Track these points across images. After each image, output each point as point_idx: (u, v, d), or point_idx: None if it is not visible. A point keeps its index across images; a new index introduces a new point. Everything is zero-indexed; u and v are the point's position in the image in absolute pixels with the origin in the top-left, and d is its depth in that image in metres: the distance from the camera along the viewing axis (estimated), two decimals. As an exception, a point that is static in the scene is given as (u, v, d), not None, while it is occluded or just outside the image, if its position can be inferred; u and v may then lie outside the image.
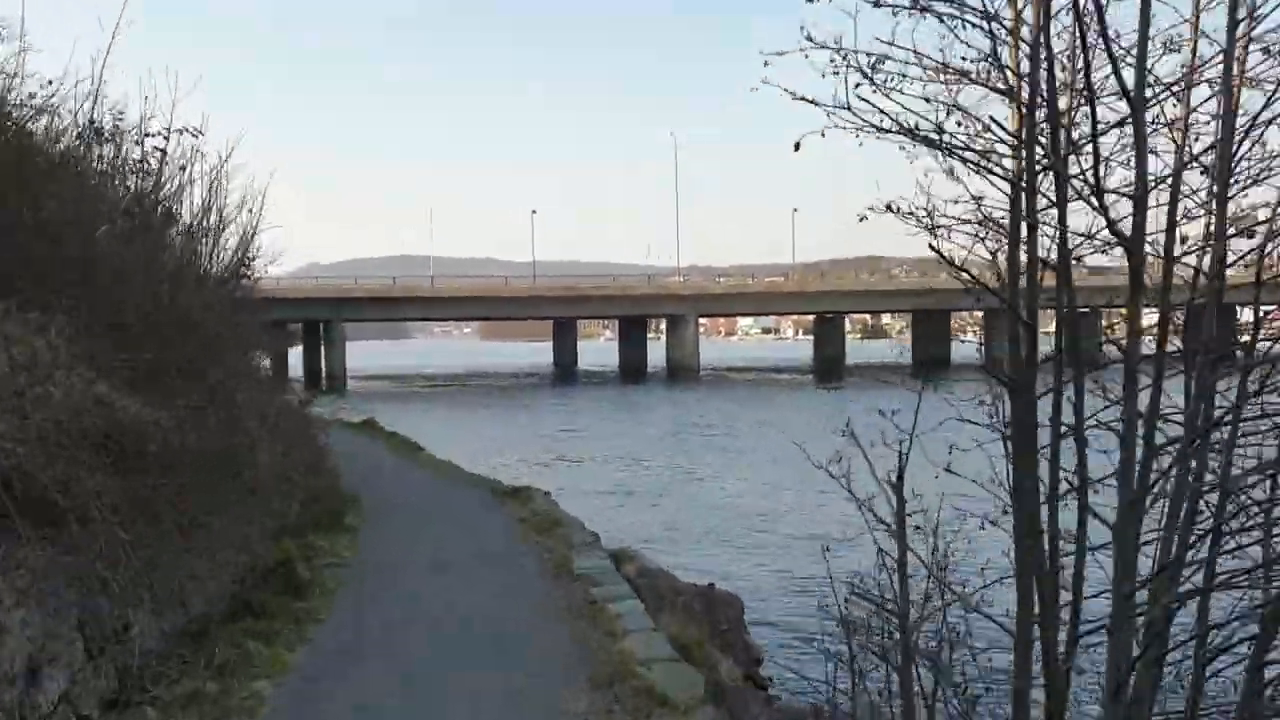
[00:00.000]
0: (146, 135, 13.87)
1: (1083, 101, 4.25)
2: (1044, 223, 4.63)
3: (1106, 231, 4.33)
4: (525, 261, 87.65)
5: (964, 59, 4.55)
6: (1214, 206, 4.49)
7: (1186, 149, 4.58)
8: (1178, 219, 4.47)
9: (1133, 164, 4.24)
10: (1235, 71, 4.37)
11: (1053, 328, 4.83)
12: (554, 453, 28.15)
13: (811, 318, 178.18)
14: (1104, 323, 5.75)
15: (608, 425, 36.60)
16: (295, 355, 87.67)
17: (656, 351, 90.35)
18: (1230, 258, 4.57)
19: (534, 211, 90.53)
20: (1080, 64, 4.26)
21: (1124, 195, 4.31)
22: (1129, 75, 4.07)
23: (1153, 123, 4.39)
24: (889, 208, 4.73)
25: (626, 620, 6.86)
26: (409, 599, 7.79)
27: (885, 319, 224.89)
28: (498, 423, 38.08)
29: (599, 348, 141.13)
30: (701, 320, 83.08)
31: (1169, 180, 4.47)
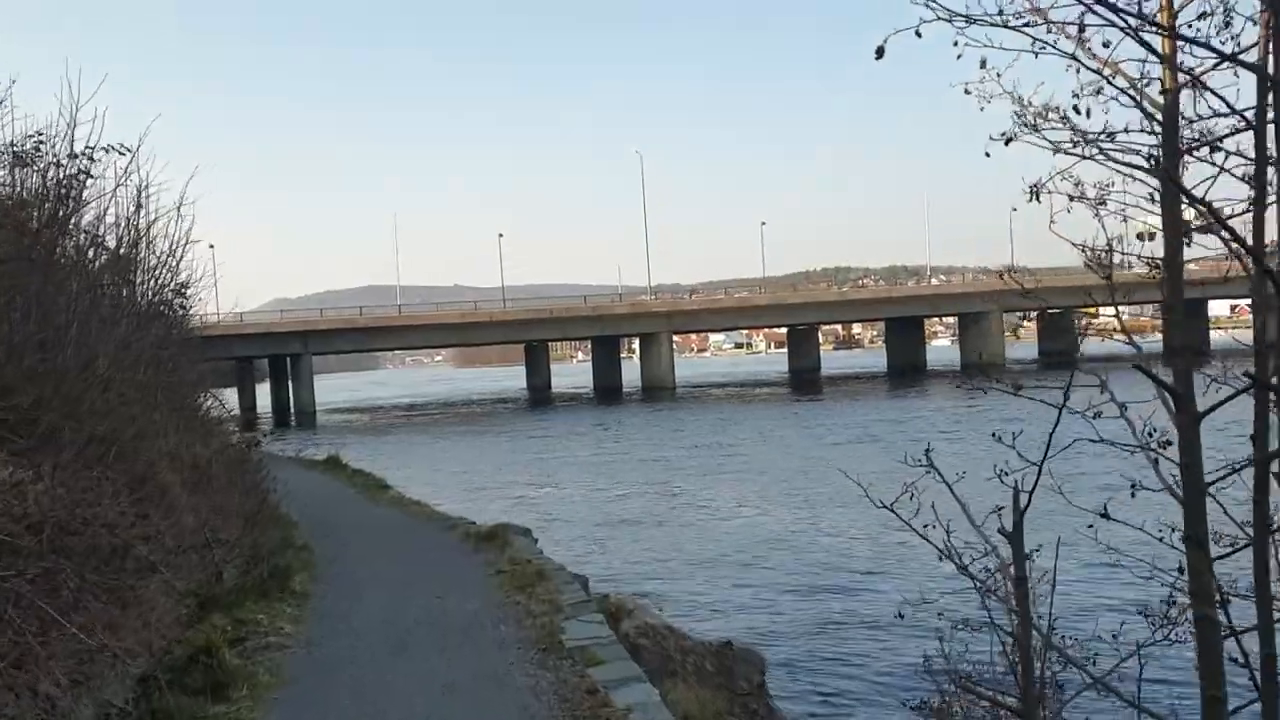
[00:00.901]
0: (70, 156, 12.45)
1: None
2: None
3: None
4: (494, 287, 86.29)
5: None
6: None
7: None
8: None
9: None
10: None
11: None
12: (533, 482, 26.41)
13: (784, 330, 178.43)
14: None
15: (587, 449, 35.09)
16: (264, 391, 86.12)
17: (630, 371, 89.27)
18: None
19: (500, 235, 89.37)
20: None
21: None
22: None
23: None
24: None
25: (637, 717, 5.32)
26: (360, 698, 6.13)
27: (856, 329, 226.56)
28: (472, 452, 36.46)
29: (572, 369, 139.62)
30: (674, 337, 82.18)
31: None
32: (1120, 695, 3.61)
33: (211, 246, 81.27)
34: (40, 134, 11.67)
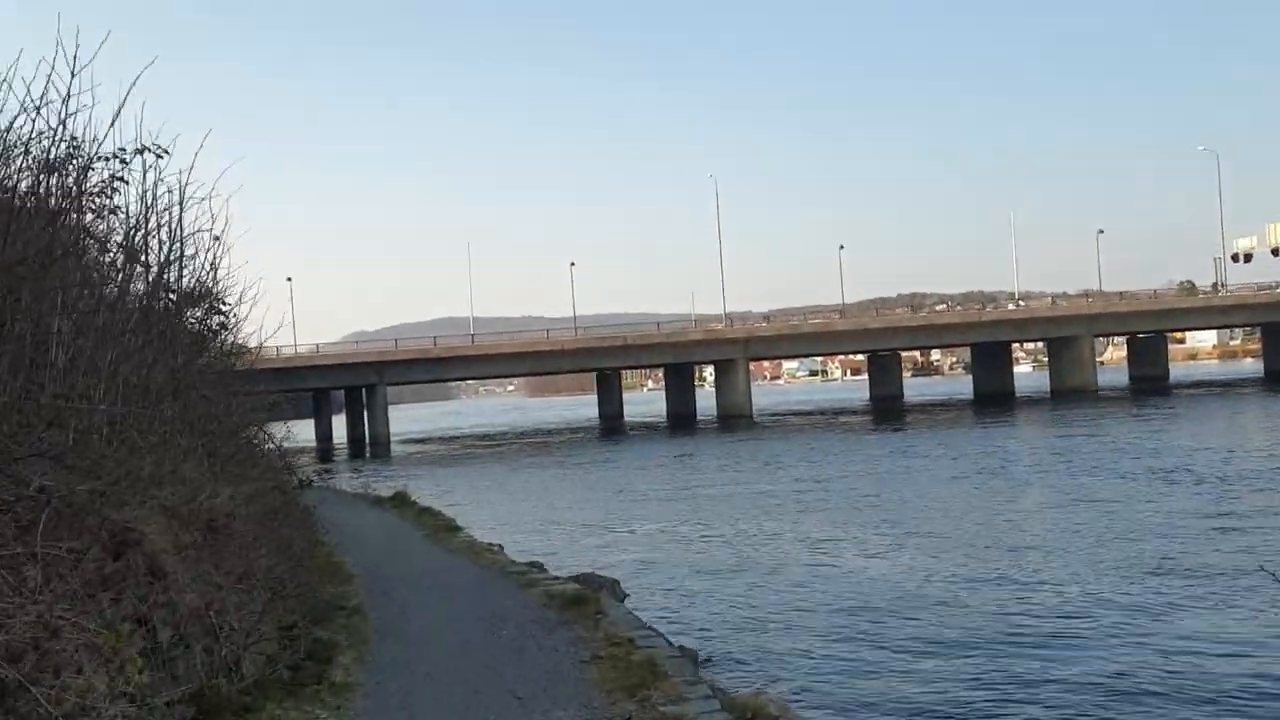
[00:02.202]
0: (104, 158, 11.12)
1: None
2: None
3: None
4: (566, 316, 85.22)
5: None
6: None
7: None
8: None
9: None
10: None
11: None
12: (613, 520, 24.19)
13: (860, 357, 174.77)
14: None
15: (668, 482, 33.07)
16: (340, 423, 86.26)
17: (704, 399, 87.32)
18: None
19: (572, 264, 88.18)
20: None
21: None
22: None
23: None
24: None
25: None
26: None
27: (935, 355, 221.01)
28: (545, 485, 34.76)
29: (643, 398, 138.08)
30: (749, 364, 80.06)
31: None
32: None
33: (289, 279, 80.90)
34: (75, 138, 10.38)
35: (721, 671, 11.03)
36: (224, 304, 11.75)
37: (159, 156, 12.51)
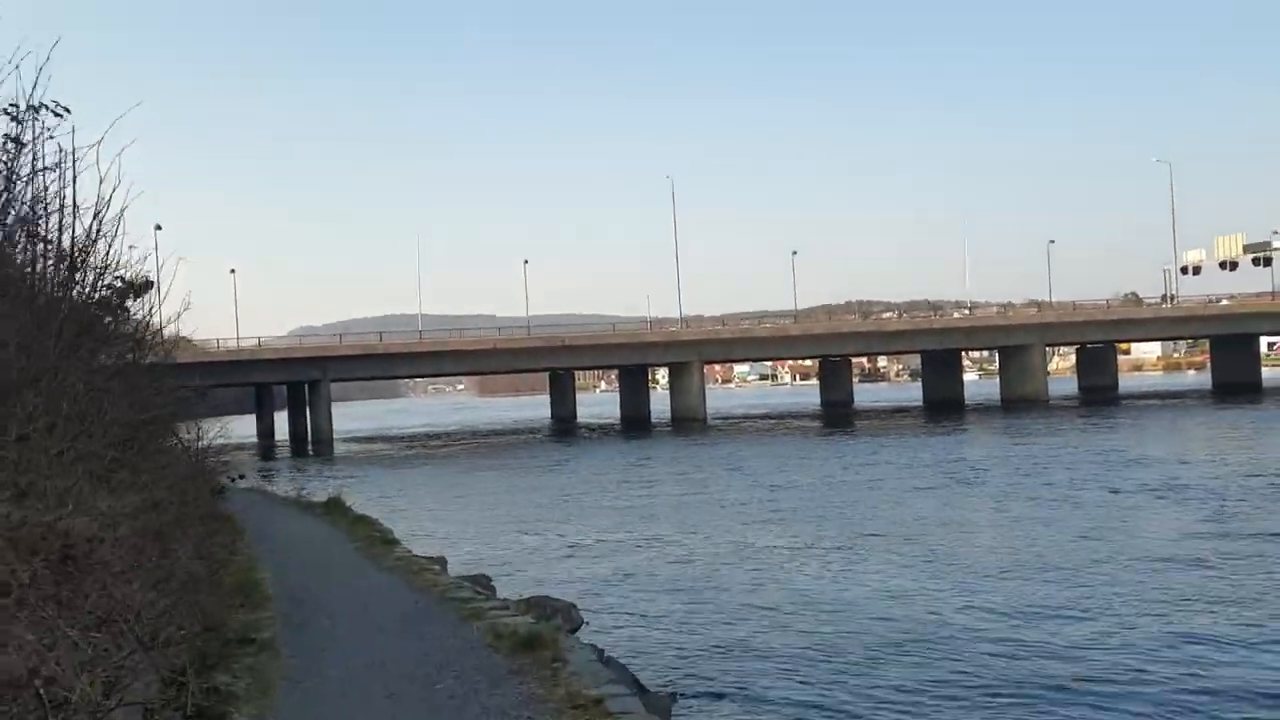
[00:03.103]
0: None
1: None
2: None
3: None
4: (520, 316, 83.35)
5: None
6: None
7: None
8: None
9: None
10: None
11: None
12: (569, 531, 22.56)
13: (809, 363, 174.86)
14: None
15: (626, 487, 31.65)
16: (283, 420, 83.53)
17: (657, 401, 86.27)
18: None
19: (526, 262, 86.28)
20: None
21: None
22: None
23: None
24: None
25: None
26: None
27: (882, 362, 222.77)
28: (495, 489, 33.13)
29: (596, 399, 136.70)
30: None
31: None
32: None
33: (233, 271, 78.38)
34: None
35: (696, 713, 9.67)
36: (120, 281, 10.11)
37: (58, 115, 10.87)
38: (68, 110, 10.83)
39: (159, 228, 72.76)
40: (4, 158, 9.91)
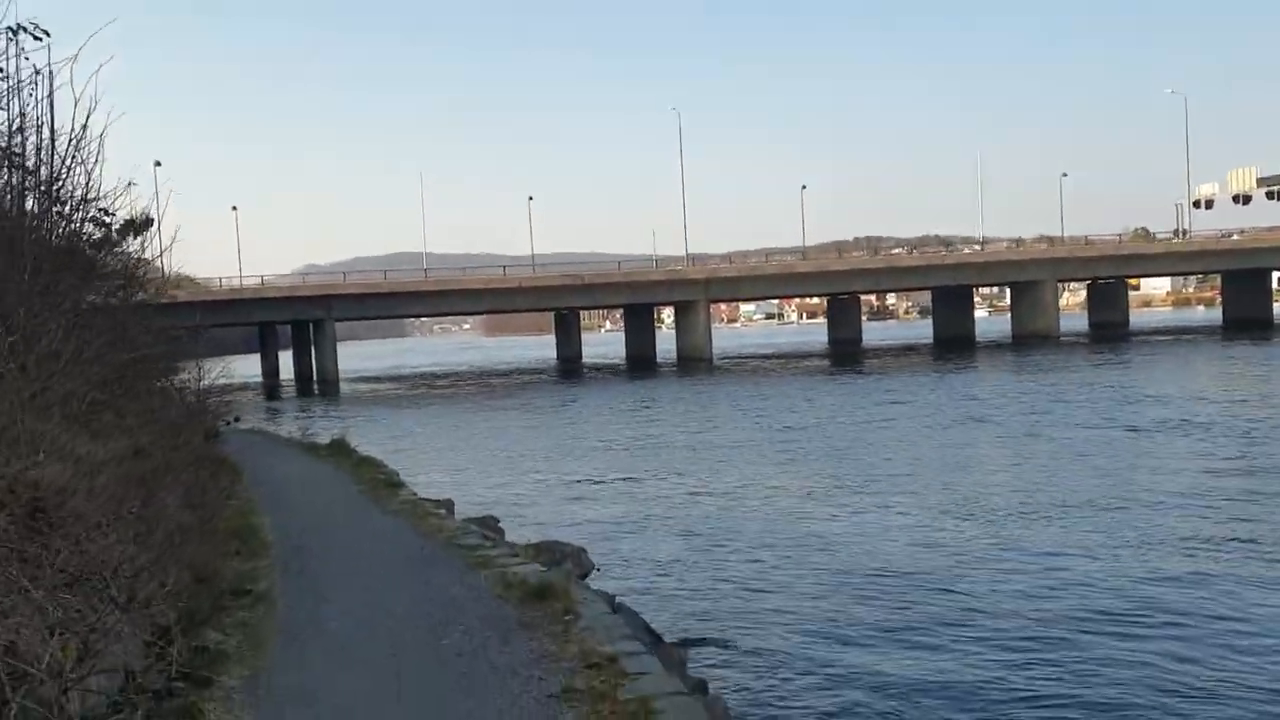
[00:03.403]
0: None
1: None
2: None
3: None
4: (526, 255, 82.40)
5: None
6: None
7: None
8: None
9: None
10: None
11: None
12: (577, 472, 22.19)
13: (816, 301, 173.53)
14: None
15: (633, 427, 31.28)
16: (288, 359, 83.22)
17: (663, 341, 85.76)
18: None
19: (530, 198, 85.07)
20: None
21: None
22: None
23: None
24: None
25: None
26: None
27: (891, 300, 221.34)
28: (501, 430, 32.77)
29: (601, 339, 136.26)
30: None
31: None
32: None
33: (234, 209, 77.43)
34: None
35: (710, 662, 9.30)
36: (105, 213, 9.52)
37: (37, 39, 10.21)
38: (47, 33, 10.15)
39: (158, 164, 70.59)
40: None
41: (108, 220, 9.50)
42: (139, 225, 21.66)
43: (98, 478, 6.34)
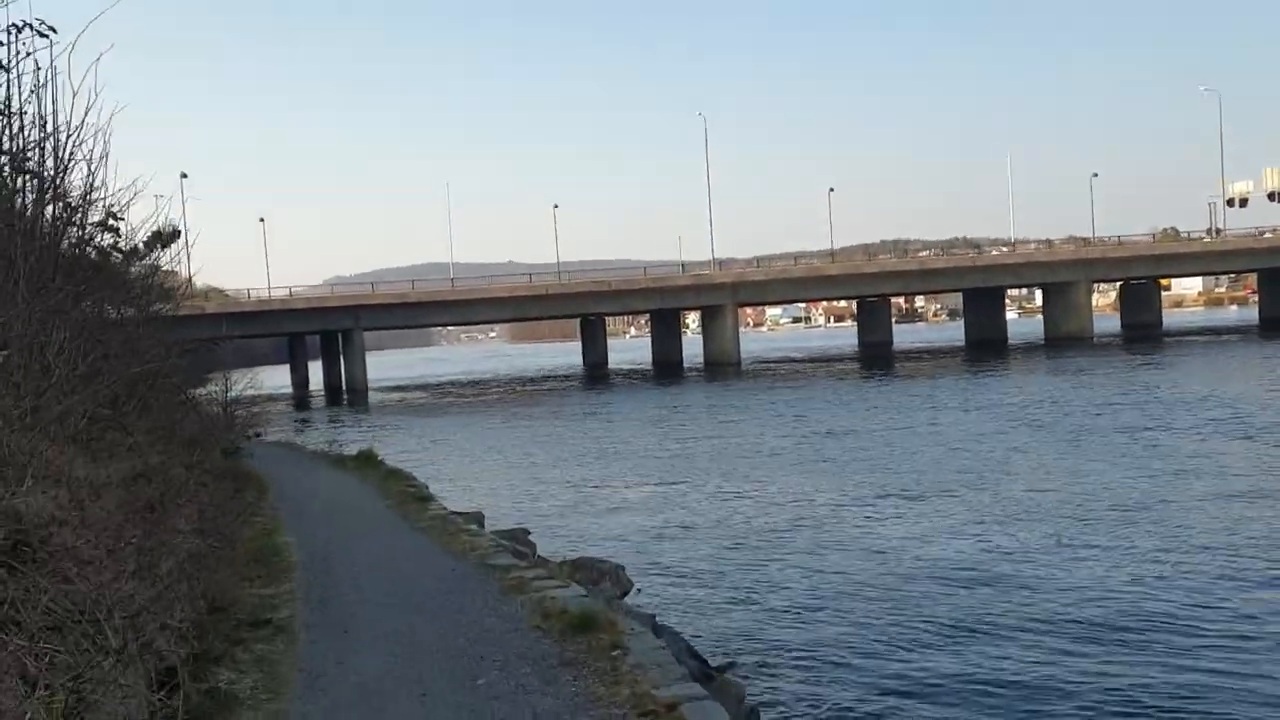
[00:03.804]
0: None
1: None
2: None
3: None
4: (550, 263, 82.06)
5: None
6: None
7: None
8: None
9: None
10: None
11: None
12: (608, 483, 21.45)
13: (844, 304, 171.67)
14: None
15: (662, 436, 30.64)
16: (317, 370, 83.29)
17: (689, 346, 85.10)
18: None
19: (555, 206, 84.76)
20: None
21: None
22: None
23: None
24: None
25: None
26: None
27: (919, 302, 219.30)
28: (529, 438, 32.23)
29: (626, 345, 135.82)
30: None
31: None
32: None
33: (261, 220, 77.56)
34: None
35: (758, 685, 8.64)
36: (117, 219, 9.02)
37: (43, 35, 9.75)
38: (54, 30, 9.70)
39: (184, 175, 70.44)
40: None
41: (116, 225, 8.99)
42: (166, 237, 21.10)
43: (96, 504, 5.77)
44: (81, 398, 6.57)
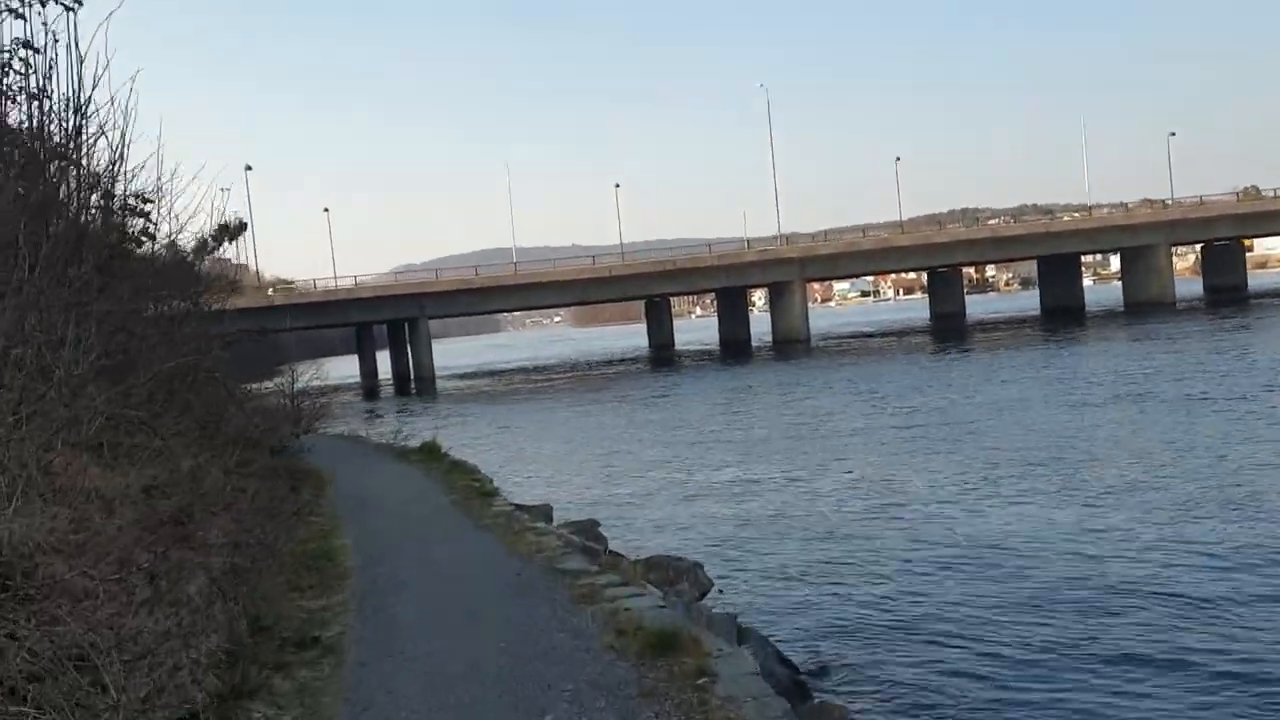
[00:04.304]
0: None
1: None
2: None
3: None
4: (613, 245, 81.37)
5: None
6: None
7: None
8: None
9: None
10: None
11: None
12: (680, 469, 20.33)
13: (913, 276, 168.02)
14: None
15: (734, 419, 29.67)
16: (385, 359, 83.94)
17: (756, 324, 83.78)
18: None
19: (617, 185, 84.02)
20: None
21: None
22: None
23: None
24: None
25: None
26: None
27: (990, 271, 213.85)
28: (599, 424, 31.51)
29: (691, 325, 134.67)
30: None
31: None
32: None
33: (326, 210, 77.84)
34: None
35: (849, 693, 7.73)
36: (146, 201, 8.39)
37: (69, 9, 9.19)
38: (79, 2, 9.12)
39: (249, 168, 71.00)
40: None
41: (146, 210, 8.36)
42: (233, 230, 20.51)
43: (110, 521, 5.07)
44: (98, 399, 5.86)
